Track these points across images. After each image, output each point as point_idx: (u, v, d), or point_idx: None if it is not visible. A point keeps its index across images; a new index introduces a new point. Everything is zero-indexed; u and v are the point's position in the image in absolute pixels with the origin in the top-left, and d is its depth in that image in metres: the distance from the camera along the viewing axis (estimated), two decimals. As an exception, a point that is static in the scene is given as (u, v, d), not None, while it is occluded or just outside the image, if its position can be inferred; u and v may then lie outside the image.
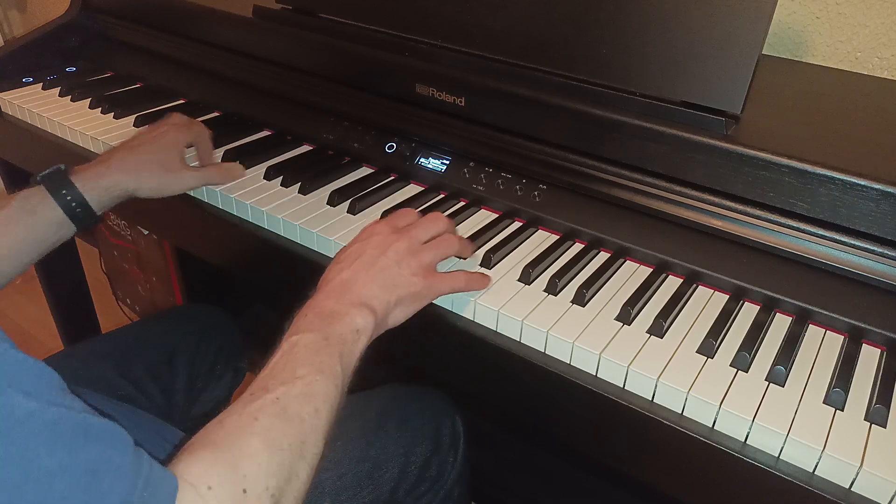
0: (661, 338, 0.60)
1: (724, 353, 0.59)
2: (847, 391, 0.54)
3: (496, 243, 0.71)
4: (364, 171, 0.86)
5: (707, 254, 0.67)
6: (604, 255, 0.71)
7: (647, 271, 0.68)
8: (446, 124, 0.81)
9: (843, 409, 0.53)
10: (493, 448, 1.24)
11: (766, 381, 0.56)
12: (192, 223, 0.86)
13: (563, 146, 0.74)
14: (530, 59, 0.76)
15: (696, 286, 0.67)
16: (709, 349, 0.59)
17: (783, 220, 0.64)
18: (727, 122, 0.65)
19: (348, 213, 0.77)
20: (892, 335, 0.59)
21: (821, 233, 0.62)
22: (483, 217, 0.77)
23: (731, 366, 0.57)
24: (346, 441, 0.71)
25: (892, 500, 0.49)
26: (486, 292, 0.65)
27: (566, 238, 0.73)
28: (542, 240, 0.74)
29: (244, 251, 0.84)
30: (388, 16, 0.85)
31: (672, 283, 0.67)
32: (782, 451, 0.52)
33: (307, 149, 0.91)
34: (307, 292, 0.61)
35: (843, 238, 0.61)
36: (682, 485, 0.58)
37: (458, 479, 0.80)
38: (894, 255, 0.60)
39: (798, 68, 0.92)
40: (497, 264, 0.69)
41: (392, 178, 0.84)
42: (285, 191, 0.81)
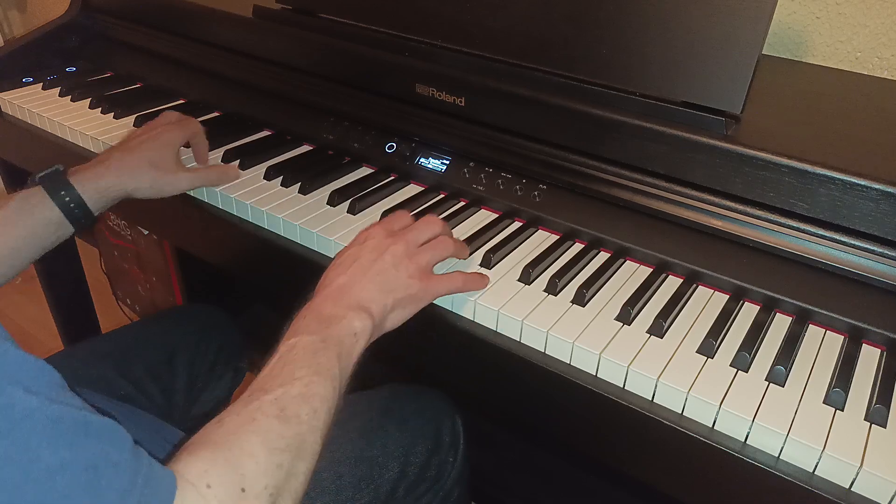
0: (661, 338, 0.60)
1: (724, 353, 0.59)
2: (847, 391, 0.54)
3: (496, 243, 0.71)
4: (364, 171, 0.86)
5: (707, 254, 0.67)
6: (604, 255, 0.71)
7: (647, 271, 0.68)
8: (446, 124, 0.81)
9: (843, 409, 0.54)
10: (493, 448, 1.24)
11: (766, 381, 0.56)
12: (192, 223, 0.86)
13: (563, 146, 0.74)
14: (530, 59, 0.76)
15: (696, 286, 0.67)
16: (709, 349, 0.59)
17: (783, 220, 0.64)
18: (727, 122, 0.65)
19: (348, 213, 0.77)
20: (892, 335, 0.59)
21: (821, 233, 0.62)
22: (483, 217, 0.77)
23: (731, 366, 0.57)
24: (346, 441, 0.71)
25: (892, 500, 0.49)
26: (487, 292, 0.65)
27: (566, 238, 0.73)
28: (542, 240, 0.74)
29: (244, 251, 0.84)
30: (388, 16, 0.85)
31: (672, 283, 0.67)
32: (782, 451, 0.52)
33: (307, 149, 0.91)
34: (307, 292, 0.61)
35: (843, 238, 0.62)
36: (682, 485, 0.58)
37: (457, 479, 0.80)
38: (894, 255, 0.60)
39: (798, 68, 0.92)
40: (497, 264, 0.69)
41: (392, 178, 0.84)
42: (285, 191, 0.81)
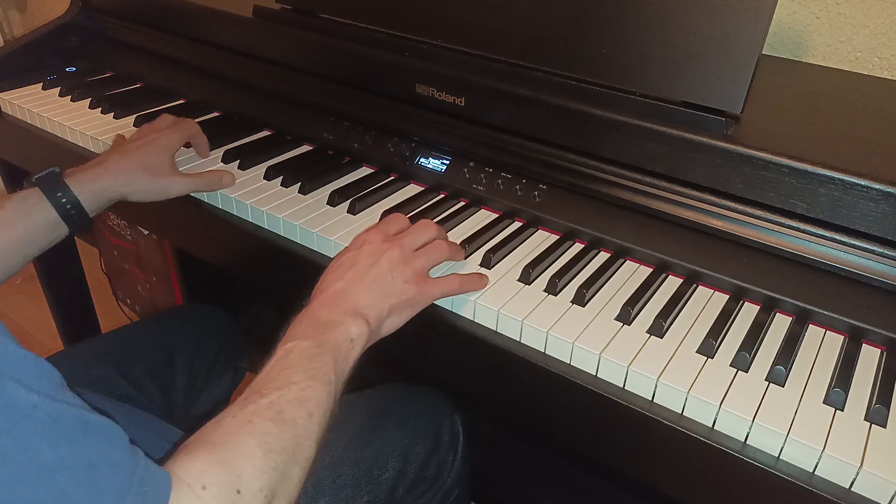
0: (661, 338, 0.60)
1: (724, 353, 0.59)
2: (847, 391, 0.54)
3: (496, 243, 0.71)
4: (364, 171, 0.86)
5: (707, 254, 0.67)
6: (604, 255, 0.71)
7: (647, 271, 0.68)
8: (446, 124, 0.81)
9: (843, 409, 0.53)
10: (493, 448, 1.24)
11: (766, 381, 0.56)
12: (192, 223, 0.86)
13: (563, 146, 0.74)
14: (530, 59, 0.76)
15: (696, 286, 0.67)
16: (709, 349, 0.59)
17: (783, 220, 0.64)
18: (727, 122, 0.65)
19: (348, 213, 0.77)
20: (892, 335, 0.59)
21: (821, 233, 0.62)
22: (483, 217, 0.77)
23: (731, 366, 0.57)
24: (346, 440, 0.71)
25: (892, 500, 0.49)
26: (486, 292, 0.65)
27: (566, 238, 0.73)
28: (542, 240, 0.74)
29: (244, 251, 0.84)
30: (388, 16, 0.85)
31: (672, 283, 0.67)
32: (782, 451, 0.52)
33: (307, 149, 0.91)
34: (307, 292, 0.61)
35: (843, 238, 0.61)
36: (682, 485, 0.58)
37: (457, 478, 0.80)
38: (894, 255, 0.60)
39: (798, 68, 0.92)
40: (497, 264, 0.69)
41: (392, 178, 0.84)
42: (285, 191, 0.81)
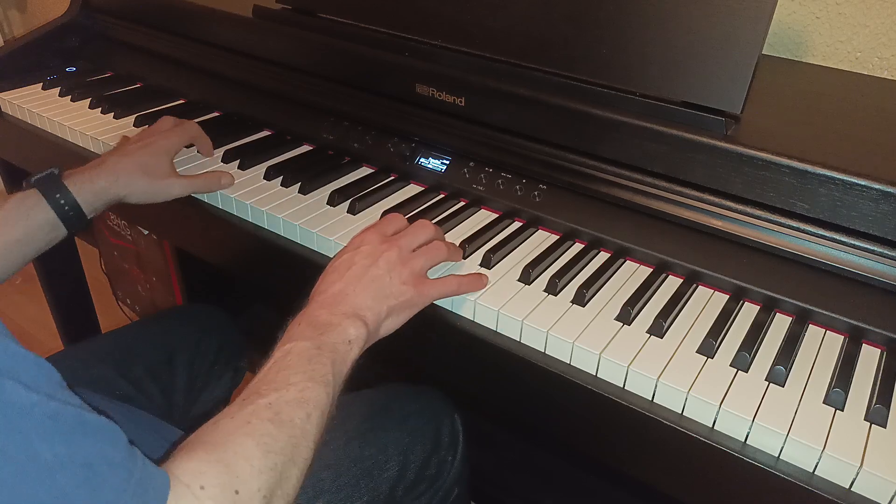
0: (661, 338, 0.60)
1: (724, 353, 0.59)
2: (847, 391, 0.54)
3: (496, 243, 0.71)
4: (364, 171, 0.86)
5: (707, 254, 0.67)
6: (604, 255, 0.71)
7: (647, 271, 0.68)
8: (446, 124, 0.81)
9: (843, 409, 0.53)
10: (493, 448, 1.24)
11: (766, 381, 0.56)
12: (192, 223, 0.86)
13: (563, 146, 0.74)
14: (530, 59, 0.76)
15: (696, 286, 0.67)
16: (709, 349, 0.59)
17: (783, 220, 0.64)
18: (727, 122, 0.65)
19: (348, 213, 0.77)
20: (892, 335, 0.59)
21: (821, 233, 0.62)
22: (483, 217, 0.77)
23: (731, 366, 0.57)
24: (346, 440, 0.71)
25: (892, 500, 0.49)
26: (487, 292, 0.65)
27: (566, 238, 0.73)
28: (542, 240, 0.74)
29: (244, 251, 0.84)
30: (388, 16, 0.85)
31: (672, 283, 0.67)
32: (782, 451, 0.52)
33: (307, 149, 0.91)
34: (307, 292, 0.61)
35: (843, 238, 0.61)
36: (682, 485, 0.58)
37: (457, 478, 0.80)
38: (894, 255, 0.60)
39: (798, 68, 0.92)
40: (497, 264, 0.69)
41: (392, 178, 0.84)
42: (285, 191, 0.81)
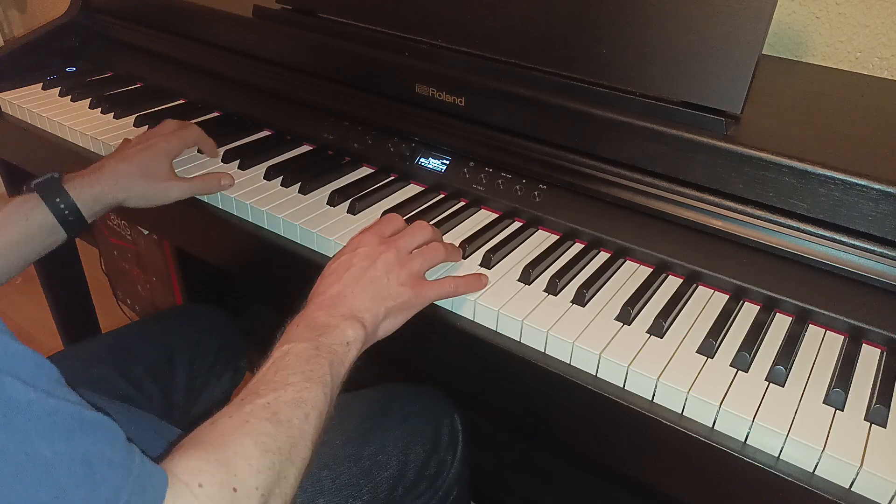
0: (661, 338, 0.60)
1: (724, 353, 0.59)
2: (847, 391, 0.54)
3: (496, 243, 0.71)
4: (364, 171, 0.86)
5: (707, 254, 0.67)
6: (604, 255, 0.71)
7: (647, 271, 0.68)
8: (446, 124, 0.81)
9: (843, 409, 0.53)
10: (493, 448, 1.24)
11: (766, 381, 0.56)
12: (192, 223, 0.86)
13: (563, 146, 0.74)
14: (530, 59, 0.76)
15: (696, 286, 0.67)
16: (709, 349, 0.59)
17: (783, 220, 0.64)
18: (727, 122, 0.65)
19: (348, 213, 0.77)
20: (892, 335, 0.59)
21: (821, 233, 0.62)
22: (483, 217, 0.77)
23: (731, 366, 0.57)
24: (345, 440, 0.71)
25: (892, 500, 0.49)
26: (487, 292, 0.65)
27: (566, 238, 0.73)
28: (542, 240, 0.74)
29: (244, 251, 0.84)
30: (388, 16, 0.85)
31: (672, 283, 0.67)
32: (782, 451, 0.52)
33: (307, 149, 0.91)
34: (306, 292, 0.61)
35: (843, 238, 0.61)
36: (682, 485, 0.58)
37: (457, 478, 0.80)
38: (894, 255, 0.60)
39: (798, 68, 0.92)
40: (497, 264, 0.69)
41: (392, 178, 0.84)
42: (285, 191, 0.81)
